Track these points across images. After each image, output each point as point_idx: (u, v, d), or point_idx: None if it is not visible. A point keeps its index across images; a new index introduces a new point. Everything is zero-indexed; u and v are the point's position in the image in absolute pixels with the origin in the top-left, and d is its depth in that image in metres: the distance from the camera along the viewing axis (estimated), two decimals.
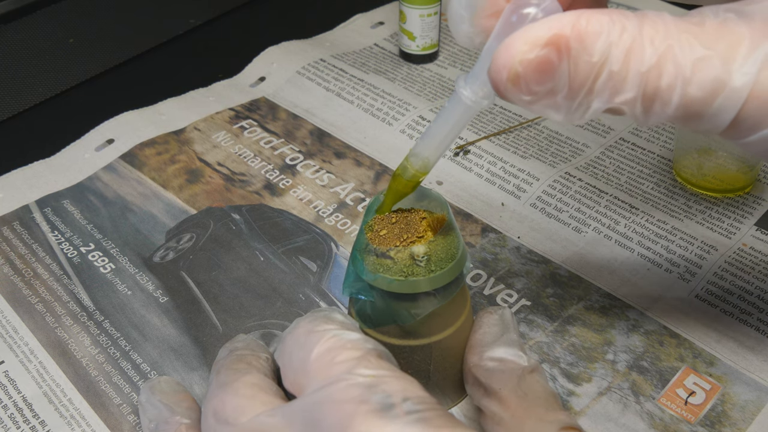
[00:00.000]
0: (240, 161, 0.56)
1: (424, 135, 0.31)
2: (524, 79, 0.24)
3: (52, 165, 0.55)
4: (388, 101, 0.61)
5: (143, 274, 0.46)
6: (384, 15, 0.74)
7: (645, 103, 0.24)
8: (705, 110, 0.24)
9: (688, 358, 0.40)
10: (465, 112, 0.29)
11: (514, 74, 0.24)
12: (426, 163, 0.32)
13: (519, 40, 0.24)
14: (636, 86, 0.24)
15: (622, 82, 0.24)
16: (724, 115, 0.24)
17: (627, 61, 0.24)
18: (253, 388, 0.30)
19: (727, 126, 0.25)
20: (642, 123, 0.25)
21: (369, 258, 0.34)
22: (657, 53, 0.24)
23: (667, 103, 0.24)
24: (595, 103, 0.25)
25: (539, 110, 0.26)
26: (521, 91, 0.25)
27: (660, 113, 0.25)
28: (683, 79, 0.24)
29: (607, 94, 0.24)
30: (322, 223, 0.50)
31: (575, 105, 0.25)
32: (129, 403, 0.39)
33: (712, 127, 0.25)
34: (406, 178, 0.33)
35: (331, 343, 0.28)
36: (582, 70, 0.24)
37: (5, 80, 0.65)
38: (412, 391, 0.26)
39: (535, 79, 0.24)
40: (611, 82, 0.24)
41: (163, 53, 0.71)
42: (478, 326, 0.37)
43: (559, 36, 0.24)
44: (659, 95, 0.24)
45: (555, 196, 0.51)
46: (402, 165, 0.33)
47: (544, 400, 0.32)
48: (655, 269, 0.46)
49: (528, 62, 0.24)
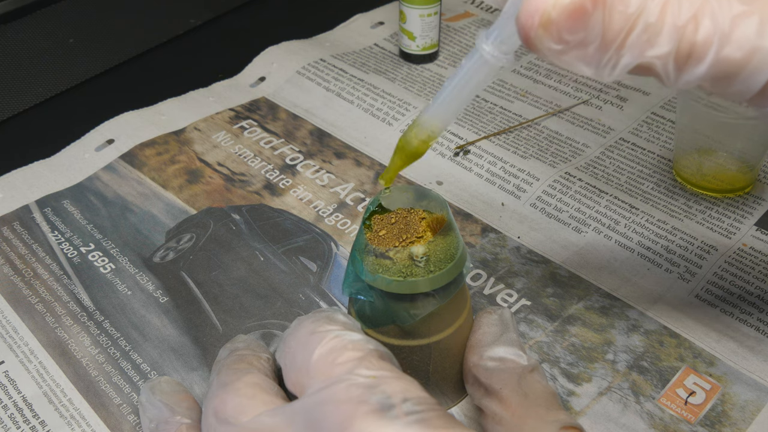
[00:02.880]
0: (240, 161, 0.56)
1: (437, 97, 0.30)
2: (556, 26, 0.24)
3: (52, 165, 0.55)
4: (388, 101, 0.61)
5: (143, 274, 0.46)
6: (384, 15, 0.74)
7: (678, 60, 0.24)
8: (739, 70, 0.24)
9: (688, 358, 0.40)
10: (485, 69, 0.28)
11: (546, 19, 0.24)
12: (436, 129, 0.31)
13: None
14: (671, 40, 0.23)
15: (656, 35, 0.23)
16: (759, 76, 0.23)
17: (663, 13, 0.23)
18: (254, 388, 0.30)
19: (760, 90, 0.24)
20: (673, 82, 0.25)
21: (368, 258, 0.34)
22: (694, 7, 0.23)
23: (701, 60, 0.24)
24: (626, 57, 0.24)
25: (568, 62, 0.25)
26: (552, 38, 0.24)
27: (692, 71, 0.24)
28: (721, 35, 0.23)
29: (641, 47, 0.24)
30: (322, 223, 0.50)
31: (606, 58, 0.24)
32: (129, 403, 0.39)
33: (743, 89, 0.24)
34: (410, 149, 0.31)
35: (333, 344, 0.28)
36: (617, 21, 0.23)
37: (5, 80, 0.65)
38: (412, 392, 0.26)
39: (568, 26, 0.24)
40: (646, 34, 0.23)
41: (163, 53, 0.71)
42: (477, 326, 0.37)
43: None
44: (694, 51, 0.23)
45: (555, 196, 0.51)
46: (406, 136, 0.31)
47: (544, 399, 0.32)
48: (655, 269, 0.46)
49: (562, 7, 0.23)
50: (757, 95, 0.24)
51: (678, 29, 0.23)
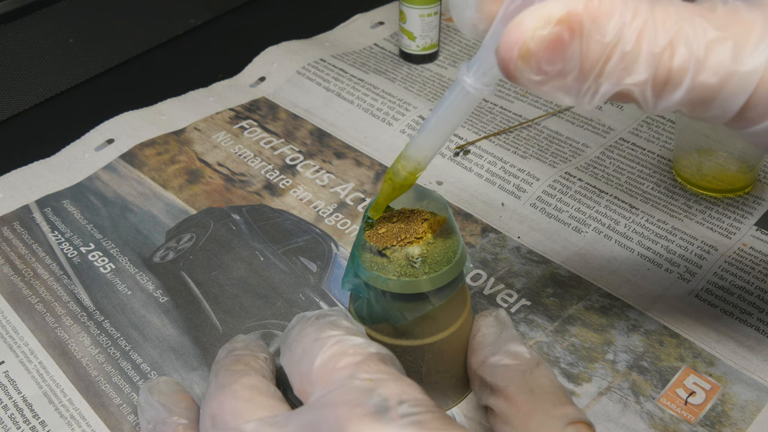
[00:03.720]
0: (240, 161, 0.56)
1: (422, 129, 0.31)
2: (535, 57, 0.24)
3: (52, 165, 0.55)
4: (388, 101, 0.61)
5: (143, 274, 0.46)
6: (384, 15, 0.74)
7: (656, 86, 0.24)
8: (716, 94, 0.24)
9: (688, 358, 0.40)
10: (467, 100, 0.29)
11: (525, 51, 0.24)
12: (422, 160, 0.31)
13: (531, 16, 0.24)
14: (648, 67, 0.24)
15: (633, 62, 0.24)
16: (735, 100, 0.24)
17: (640, 41, 0.23)
18: (251, 391, 0.30)
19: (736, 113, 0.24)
20: (650, 108, 0.25)
21: (366, 255, 0.34)
22: (669, 34, 0.23)
23: (678, 86, 0.24)
24: (605, 85, 0.24)
25: (548, 92, 0.25)
26: (531, 70, 0.24)
27: (670, 97, 0.24)
28: (696, 61, 0.23)
29: (618, 75, 0.24)
30: (322, 224, 0.50)
31: (585, 87, 0.25)
32: (129, 403, 0.39)
33: (720, 114, 0.24)
34: (399, 180, 0.32)
35: (334, 350, 0.28)
36: (594, 50, 0.24)
37: (5, 80, 0.65)
38: (409, 394, 0.26)
39: (547, 57, 0.24)
40: (623, 63, 0.24)
41: (163, 53, 0.71)
42: (476, 330, 0.37)
43: (572, 14, 0.23)
44: (671, 77, 0.24)
45: (555, 196, 0.51)
46: (393, 168, 0.32)
47: (551, 394, 0.32)
48: (655, 269, 0.46)
49: (540, 39, 0.24)
50: (733, 119, 0.25)
51: (654, 56, 0.24)
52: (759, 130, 0.24)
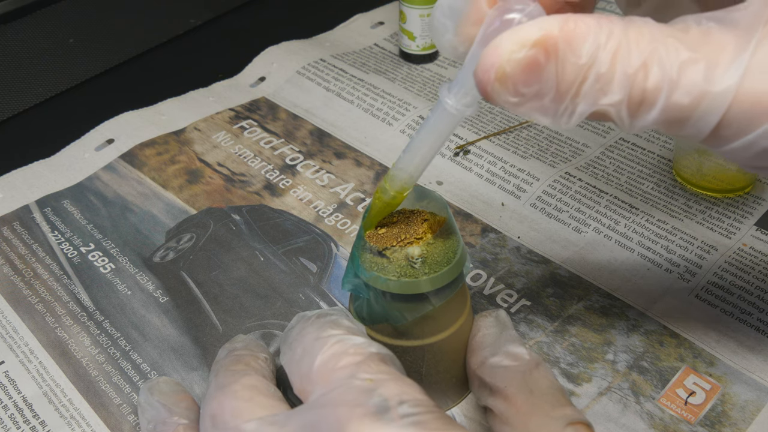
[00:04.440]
0: (240, 161, 0.56)
1: (406, 149, 0.31)
2: (512, 80, 0.24)
3: (52, 165, 0.55)
4: (388, 101, 0.61)
5: (143, 274, 0.46)
6: (384, 15, 0.74)
7: (631, 106, 0.24)
8: (689, 114, 0.24)
9: (688, 358, 0.40)
10: (448, 120, 0.29)
11: (501, 74, 0.24)
12: (408, 180, 0.32)
13: (507, 40, 0.24)
14: (622, 88, 0.24)
15: (608, 83, 0.24)
16: (708, 119, 0.24)
17: (614, 62, 0.24)
18: (251, 391, 0.30)
19: (710, 132, 0.24)
20: (627, 128, 0.25)
21: (365, 255, 0.34)
22: (643, 55, 0.24)
23: (652, 106, 0.24)
24: (581, 106, 0.25)
25: (526, 113, 0.25)
26: (508, 92, 0.25)
27: (645, 117, 0.25)
28: (669, 81, 0.24)
29: (594, 96, 0.24)
30: (322, 224, 0.50)
31: (561, 108, 0.25)
32: (129, 403, 0.39)
33: (695, 132, 0.25)
34: (387, 199, 0.33)
35: (335, 349, 0.28)
36: (569, 72, 0.24)
37: (5, 80, 0.65)
38: (409, 394, 0.26)
39: (523, 79, 0.24)
40: (598, 84, 0.24)
41: (163, 53, 0.71)
42: (476, 330, 0.37)
43: (548, 37, 0.24)
44: (645, 98, 0.24)
45: (555, 196, 0.51)
46: (381, 187, 0.33)
47: (550, 395, 0.32)
48: (655, 269, 0.46)
49: (516, 62, 0.24)
50: (708, 137, 0.25)
51: (629, 77, 0.24)
52: (734, 149, 0.25)
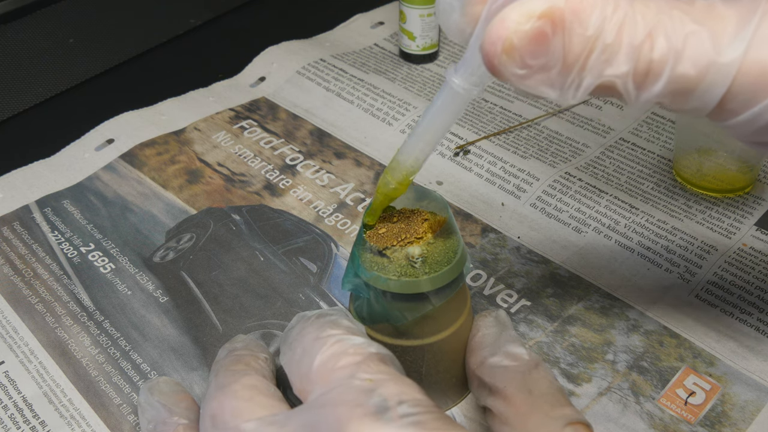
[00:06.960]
0: (240, 161, 0.56)
1: (412, 134, 0.31)
2: (519, 51, 0.24)
3: (52, 165, 0.55)
4: (388, 101, 0.61)
5: (143, 274, 0.46)
6: (384, 15, 0.74)
7: (637, 78, 0.25)
8: (695, 86, 0.24)
9: (688, 358, 0.40)
10: (456, 101, 0.29)
11: (508, 45, 0.24)
12: (414, 164, 0.32)
13: (514, 12, 0.24)
14: (629, 59, 0.24)
15: (615, 55, 0.24)
16: (714, 91, 0.24)
17: (620, 33, 0.24)
18: (251, 391, 0.30)
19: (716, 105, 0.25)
20: (633, 100, 0.25)
21: (366, 255, 0.34)
22: (649, 26, 0.24)
23: (658, 77, 0.24)
24: (588, 78, 0.25)
25: (533, 86, 0.25)
26: (515, 64, 0.25)
27: (651, 89, 0.25)
28: (675, 52, 0.24)
29: (601, 68, 0.25)
30: (322, 224, 0.50)
31: (569, 81, 0.25)
32: (129, 403, 0.39)
33: (700, 105, 0.25)
34: (388, 192, 0.33)
35: (334, 349, 0.28)
36: (576, 44, 0.24)
37: (5, 80, 0.65)
38: (408, 394, 0.26)
39: (530, 51, 0.24)
40: (604, 55, 0.24)
41: (163, 53, 0.71)
42: (475, 330, 0.37)
43: (554, 8, 0.24)
44: (651, 69, 0.24)
45: (555, 196, 0.51)
46: (383, 179, 0.33)
47: (549, 395, 0.32)
48: (655, 269, 0.46)
49: (523, 33, 0.24)
50: (714, 111, 0.25)
51: (635, 48, 0.24)
52: (739, 122, 0.25)
